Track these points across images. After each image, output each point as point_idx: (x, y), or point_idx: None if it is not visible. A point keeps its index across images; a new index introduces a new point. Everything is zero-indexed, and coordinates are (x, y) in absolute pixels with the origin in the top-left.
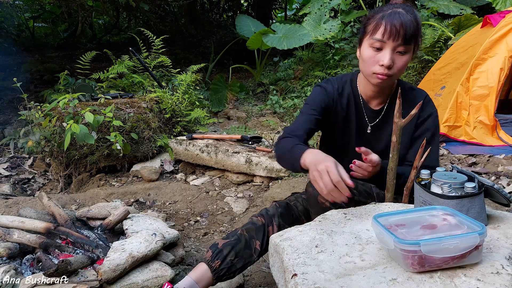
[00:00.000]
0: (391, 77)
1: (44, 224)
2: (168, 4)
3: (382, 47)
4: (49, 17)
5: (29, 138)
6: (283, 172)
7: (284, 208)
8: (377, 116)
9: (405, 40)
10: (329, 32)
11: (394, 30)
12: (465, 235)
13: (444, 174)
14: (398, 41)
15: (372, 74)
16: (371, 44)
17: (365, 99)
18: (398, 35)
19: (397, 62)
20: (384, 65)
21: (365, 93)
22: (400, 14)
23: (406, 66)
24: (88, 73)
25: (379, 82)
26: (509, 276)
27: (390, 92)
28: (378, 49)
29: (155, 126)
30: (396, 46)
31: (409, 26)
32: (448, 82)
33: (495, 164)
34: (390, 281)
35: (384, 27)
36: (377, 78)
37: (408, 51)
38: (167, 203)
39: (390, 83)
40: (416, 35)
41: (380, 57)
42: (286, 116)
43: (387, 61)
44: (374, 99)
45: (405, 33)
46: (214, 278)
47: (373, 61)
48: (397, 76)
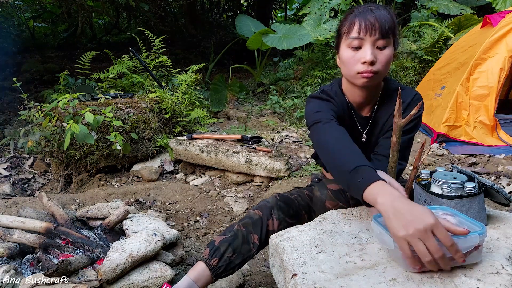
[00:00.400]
0: (377, 74)
1: (44, 224)
2: (168, 4)
3: (361, 45)
4: (49, 17)
5: (29, 138)
6: (283, 172)
7: (284, 201)
8: (368, 122)
9: (383, 34)
10: (329, 32)
11: (369, 24)
12: (465, 235)
13: (444, 174)
14: (376, 35)
15: (356, 75)
16: (349, 44)
17: (355, 106)
18: (374, 29)
19: (380, 58)
20: (366, 61)
21: (354, 100)
22: (372, 9)
23: (390, 62)
24: (88, 73)
25: (365, 81)
26: (509, 276)
27: (377, 95)
28: (357, 48)
29: (155, 126)
30: (374, 40)
31: (384, 19)
32: (448, 82)
33: (495, 164)
34: (390, 281)
35: (359, 24)
36: (362, 77)
37: (388, 45)
38: (167, 203)
39: (377, 81)
40: (393, 27)
41: (361, 55)
42: (286, 116)
43: (369, 56)
44: (364, 105)
45: (380, 26)
46: (213, 276)
47: (354, 60)
48: (382, 73)
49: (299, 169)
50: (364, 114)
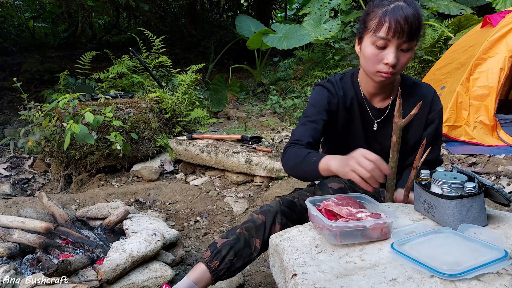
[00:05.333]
0: (394, 75)
1: (44, 224)
2: (168, 4)
3: (386, 45)
4: (49, 17)
5: (29, 138)
6: (283, 172)
7: (287, 206)
8: (383, 113)
9: (410, 37)
10: (329, 32)
11: (398, 27)
12: (499, 261)
13: (444, 174)
14: (403, 38)
15: (376, 73)
16: (374, 42)
17: (368, 96)
18: (403, 32)
19: (401, 60)
20: (389, 64)
21: (367, 90)
22: (403, 8)
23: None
24: (88, 73)
25: (382, 80)
26: (509, 276)
27: (393, 87)
28: (382, 47)
29: (155, 126)
30: (400, 43)
31: (413, 21)
32: (448, 82)
33: (495, 164)
34: (390, 281)
35: (388, 25)
36: (381, 76)
37: (412, 47)
38: (167, 203)
39: (393, 80)
40: (420, 29)
41: (385, 55)
42: (286, 116)
43: (392, 60)
44: (377, 96)
45: (410, 29)
46: (213, 278)
47: (377, 59)
48: (399, 73)
49: None
50: (376, 104)
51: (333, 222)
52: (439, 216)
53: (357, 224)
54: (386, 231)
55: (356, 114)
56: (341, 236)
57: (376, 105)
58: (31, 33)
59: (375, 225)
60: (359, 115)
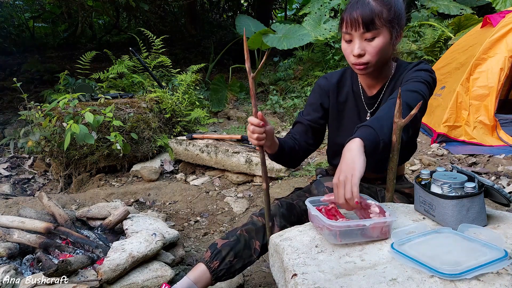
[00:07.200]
0: (369, 64)
1: (44, 224)
2: (168, 4)
3: (351, 38)
4: (49, 17)
5: (29, 138)
6: (283, 172)
7: (286, 208)
8: (375, 102)
9: (367, 27)
10: (329, 32)
11: (353, 20)
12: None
13: (444, 174)
14: (360, 29)
15: (352, 65)
16: (343, 38)
17: (364, 87)
18: (358, 24)
19: (368, 49)
20: (354, 55)
21: (364, 81)
22: (358, 3)
23: (383, 49)
24: (88, 73)
25: (360, 71)
26: (509, 276)
27: (386, 76)
28: (350, 41)
29: (155, 126)
30: (361, 34)
31: (366, 13)
32: (448, 82)
33: (495, 164)
34: (390, 281)
35: (346, 20)
36: (356, 68)
37: (377, 35)
38: (167, 203)
39: (373, 69)
40: (380, 17)
41: (351, 48)
42: (286, 116)
43: (356, 50)
44: (371, 86)
45: (363, 20)
46: (213, 279)
47: (348, 53)
48: (377, 61)
49: (299, 169)
50: (370, 94)
51: (333, 221)
52: (439, 216)
53: (357, 223)
54: (386, 231)
55: (352, 104)
56: (341, 235)
57: (369, 93)
58: (31, 33)
59: (375, 224)
60: (355, 105)
